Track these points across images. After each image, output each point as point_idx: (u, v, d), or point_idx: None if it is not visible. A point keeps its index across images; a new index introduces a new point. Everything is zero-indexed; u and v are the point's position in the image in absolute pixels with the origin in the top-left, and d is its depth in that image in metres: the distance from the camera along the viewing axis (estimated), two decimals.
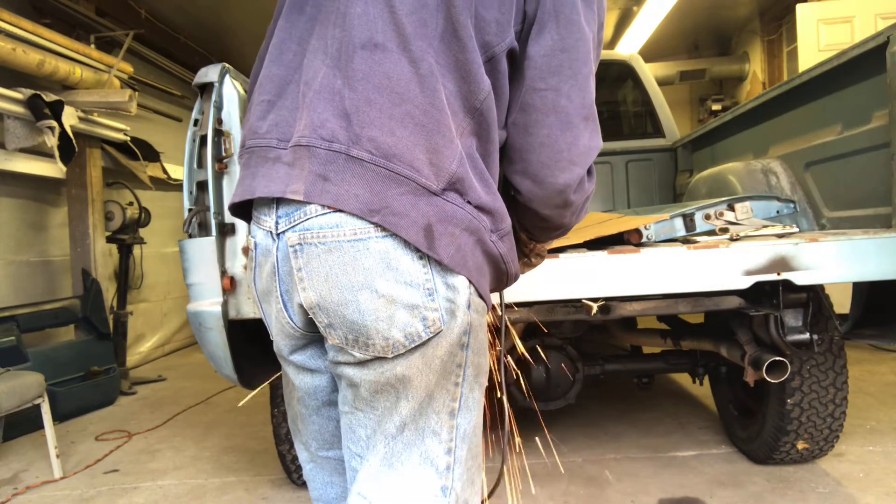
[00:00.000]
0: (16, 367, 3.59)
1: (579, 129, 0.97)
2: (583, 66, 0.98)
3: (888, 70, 1.85)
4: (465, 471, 1.05)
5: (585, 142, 0.98)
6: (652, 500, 2.56)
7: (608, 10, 7.77)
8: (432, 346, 0.98)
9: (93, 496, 2.97)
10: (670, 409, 3.71)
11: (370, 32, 0.95)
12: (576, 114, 0.97)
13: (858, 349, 4.74)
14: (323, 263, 0.95)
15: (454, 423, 1.03)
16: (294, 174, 0.96)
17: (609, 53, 4.91)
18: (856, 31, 5.34)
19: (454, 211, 0.95)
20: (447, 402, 1.02)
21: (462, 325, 0.99)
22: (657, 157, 3.99)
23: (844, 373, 2.52)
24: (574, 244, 2.01)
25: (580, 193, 1.04)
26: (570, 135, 0.97)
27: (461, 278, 0.97)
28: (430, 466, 1.02)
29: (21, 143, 4.16)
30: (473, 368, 1.04)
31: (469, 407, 1.04)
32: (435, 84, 0.93)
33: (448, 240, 0.95)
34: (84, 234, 5.11)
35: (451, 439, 1.03)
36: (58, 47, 4.43)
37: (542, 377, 2.78)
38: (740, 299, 2.11)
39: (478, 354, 1.04)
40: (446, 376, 1.01)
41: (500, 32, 0.97)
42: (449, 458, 1.03)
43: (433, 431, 1.02)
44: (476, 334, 1.03)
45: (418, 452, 1.01)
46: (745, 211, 2.19)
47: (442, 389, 1.01)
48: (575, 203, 1.05)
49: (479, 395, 1.07)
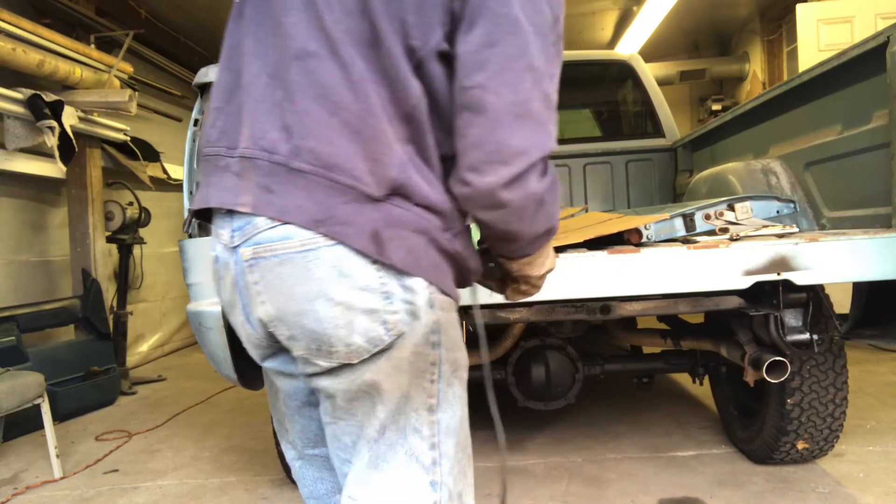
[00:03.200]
0: (16, 367, 3.59)
1: (511, 127, 0.90)
2: (514, 61, 0.91)
3: (888, 70, 1.85)
4: (455, 464, 1.06)
5: (519, 141, 0.91)
6: (652, 500, 2.56)
7: (608, 10, 7.77)
8: (397, 348, 0.99)
9: (93, 496, 2.97)
10: (670, 409, 3.71)
11: (303, 42, 0.96)
12: (506, 111, 0.90)
13: (858, 349, 4.74)
14: (277, 276, 0.97)
15: (435, 418, 1.05)
16: (242, 185, 0.98)
17: (609, 53, 4.92)
18: (856, 31, 5.34)
19: (401, 214, 0.95)
20: (425, 399, 1.04)
21: (427, 325, 1.00)
22: (657, 157, 3.99)
23: (844, 373, 2.52)
24: (574, 244, 2.01)
25: (518, 191, 0.93)
26: (500, 134, 0.90)
27: (417, 279, 0.98)
28: (417, 463, 1.03)
29: (21, 143, 4.16)
30: (449, 365, 1.05)
31: (449, 402, 1.06)
32: (367, 91, 0.94)
33: (397, 243, 0.95)
34: (84, 234, 5.11)
35: (434, 434, 1.05)
36: (58, 47, 4.43)
37: (542, 377, 2.79)
38: (740, 299, 2.11)
39: (452, 350, 1.05)
40: (420, 375, 1.02)
41: (425, 36, 0.94)
42: (434, 453, 1.04)
43: (414, 429, 1.03)
44: (447, 331, 1.04)
45: (403, 451, 1.03)
46: (745, 211, 2.19)
47: (417, 388, 1.03)
48: (512, 203, 0.94)
49: (458, 389, 1.08)
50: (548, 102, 0.94)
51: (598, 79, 4.61)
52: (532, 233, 1.01)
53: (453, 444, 1.06)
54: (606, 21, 8.16)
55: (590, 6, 7.60)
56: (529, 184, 0.93)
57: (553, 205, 1.00)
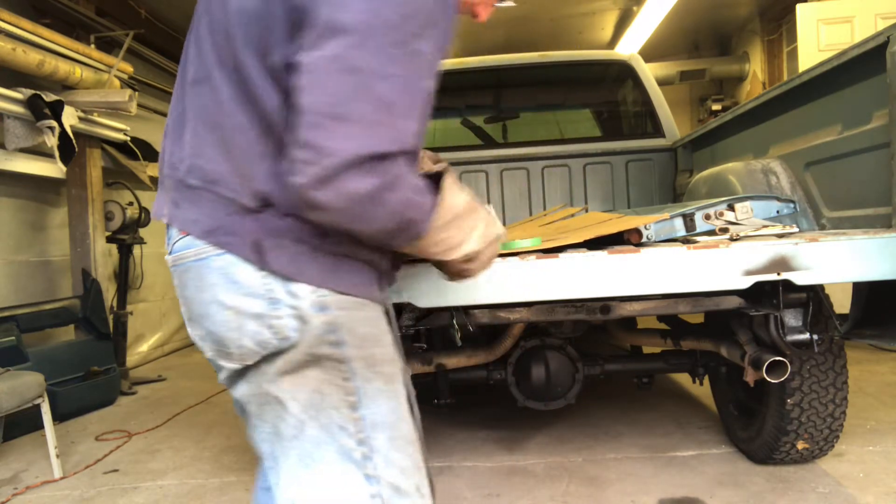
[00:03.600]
0: (16, 367, 3.59)
1: (324, 128, 0.88)
2: (331, 63, 0.89)
3: (888, 70, 1.85)
4: (386, 457, 1.09)
5: (331, 142, 0.88)
6: (652, 500, 2.56)
7: (608, 10, 7.78)
8: (290, 351, 1.04)
9: (93, 496, 2.97)
10: (670, 409, 3.71)
11: (193, 68, 1.09)
12: (318, 112, 0.89)
13: (858, 349, 4.74)
14: (184, 282, 1.09)
15: (358, 415, 1.07)
16: (164, 199, 1.13)
17: (609, 53, 4.91)
18: (856, 31, 5.34)
19: (278, 225, 1.01)
20: (343, 397, 1.07)
21: (319, 327, 1.03)
22: (657, 157, 3.98)
23: (844, 373, 2.52)
24: (574, 244, 2.01)
25: (331, 192, 0.90)
26: (312, 134, 0.89)
27: (301, 285, 1.02)
28: (349, 459, 1.07)
29: (21, 143, 4.16)
30: (362, 361, 1.07)
31: (371, 397, 1.08)
32: (235, 110, 1.02)
33: (278, 252, 1.01)
34: (84, 234, 5.11)
35: (361, 430, 1.08)
36: (58, 47, 4.43)
37: (542, 377, 2.79)
38: (740, 299, 2.11)
39: (362, 347, 1.07)
40: (329, 374, 1.06)
41: (279, 52, 0.98)
42: (364, 448, 1.07)
43: (340, 427, 1.07)
44: (351, 329, 1.06)
45: (333, 449, 1.07)
46: (745, 211, 2.19)
47: (330, 386, 1.06)
48: (329, 205, 0.91)
49: (382, 384, 1.10)
50: (379, 103, 0.90)
51: (598, 79, 4.61)
52: (379, 232, 0.97)
53: (385, 437, 1.09)
54: (606, 21, 8.16)
55: (590, 6, 7.61)
56: (345, 184, 0.89)
57: (399, 202, 0.94)
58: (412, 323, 2.10)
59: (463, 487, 2.79)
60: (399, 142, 0.91)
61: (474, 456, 3.14)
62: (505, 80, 4.56)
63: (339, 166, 0.88)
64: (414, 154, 0.94)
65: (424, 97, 0.95)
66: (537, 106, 4.91)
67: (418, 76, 0.93)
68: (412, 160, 0.95)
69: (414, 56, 0.92)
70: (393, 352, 1.14)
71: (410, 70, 0.92)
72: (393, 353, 1.13)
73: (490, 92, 4.75)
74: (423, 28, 0.93)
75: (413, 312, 2.07)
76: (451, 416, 3.67)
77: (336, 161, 0.88)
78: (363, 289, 1.08)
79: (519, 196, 4.01)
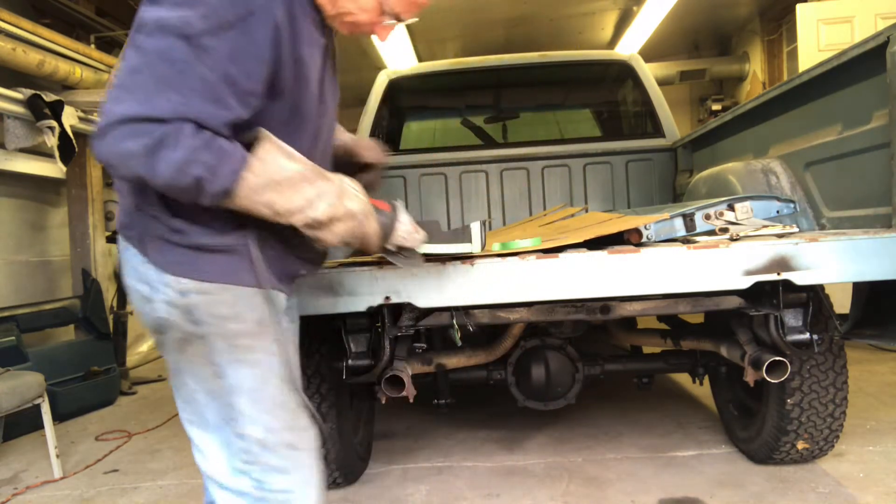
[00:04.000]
0: (16, 367, 3.59)
1: (112, 95, 1.12)
2: (129, 48, 1.14)
3: (888, 70, 1.85)
4: (251, 417, 1.28)
5: (113, 106, 1.11)
6: (652, 500, 2.56)
7: (608, 10, 7.78)
8: (170, 328, 1.28)
9: (93, 496, 2.97)
10: (670, 409, 3.71)
11: None
12: (113, 82, 1.13)
13: (858, 349, 4.74)
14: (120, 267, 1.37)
15: (222, 383, 1.28)
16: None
17: (609, 53, 4.91)
18: (856, 31, 5.34)
19: (150, 223, 1.26)
20: (209, 368, 1.28)
21: (183, 308, 1.25)
22: (657, 157, 3.98)
23: (844, 373, 2.52)
24: (574, 244, 2.01)
25: (100, 145, 1.12)
26: (107, 99, 1.13)
27: (167, 275, 1.25)
28: (222, 420, 1.30)
29: (21, 143, 4.16)
30: (220, 337, 1.27)
31: (233, 366, 1.28)
32: None
33: (152, 245, 1.26)
34: (84, 234, 5.11)
35: (227, 395, 1.29)
36: (58, 47, 4.43)
37: (542, 377, 2.79)
38: (740, 299, 2.11)
39: (219, 325, 1.26)
40: (197, 348, 1.28)
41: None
42: (231, 411, 1.29)
43: (214, 392, 1.29)
44: (211, 310, 1.25)
45: (213, 411, 1.30)
46: (745, 211, 2.19)
47: (200, 358, 1.28)
48: (99, 154, 1.13)
49: (240, 354, 1.28)
50: (158, 79, 1.10)
51: (598, 79, 4.61)
52: (170, 185, 1.14)
53: (247, 400, 1.29)
54: (606, 21, 8.17)
55: (590, 6, 7.61)
56: (115, 139, 1.10)
57: (180, 160, 1.10)
58: (412, 323, 2.10)
59: (463, 487, 2.79)
60: (173, 111, 1.09)
61: (474, 456, 3.14)
62: (505, 80, 4.55)
63: (111, 124, 1.09)
64: (199, 123, 1.11)
65: (208, 81, 1.12)
66: (537, 106, 4.91)
67: (201, 63, 1.12)
68: (197, 128, 1.11)
69: (200, 48, 1.11)
70: (253, 327, 1.29)
71: (192, 58, 1.11)
72: (252, 328, 1.29)
73: (490, 92, 4.75)
74: (218, 29, 1.12)
75: (413, 312, 2.07)
76: (451, 416, 3.67)
77: (110, 119, 1.10)
78: (222, 276, 1.26)
79: (519, 196, 4.01)
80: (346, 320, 2.21)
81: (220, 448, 1.31)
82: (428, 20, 7.25)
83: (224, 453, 1.31)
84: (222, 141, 1.15)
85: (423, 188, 4.00)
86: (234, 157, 1.16)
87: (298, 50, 1.25)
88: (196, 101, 1.11)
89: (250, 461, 1.30)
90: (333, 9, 1.32)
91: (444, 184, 4.01)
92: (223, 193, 1.16)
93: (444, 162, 3.99)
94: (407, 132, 4.71)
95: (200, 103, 1.12)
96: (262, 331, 1.30)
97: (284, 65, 1.22)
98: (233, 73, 1.14)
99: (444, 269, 1.83)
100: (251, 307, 1.29)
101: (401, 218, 1.41)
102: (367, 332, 2.26)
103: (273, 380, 1.31)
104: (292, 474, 1.33)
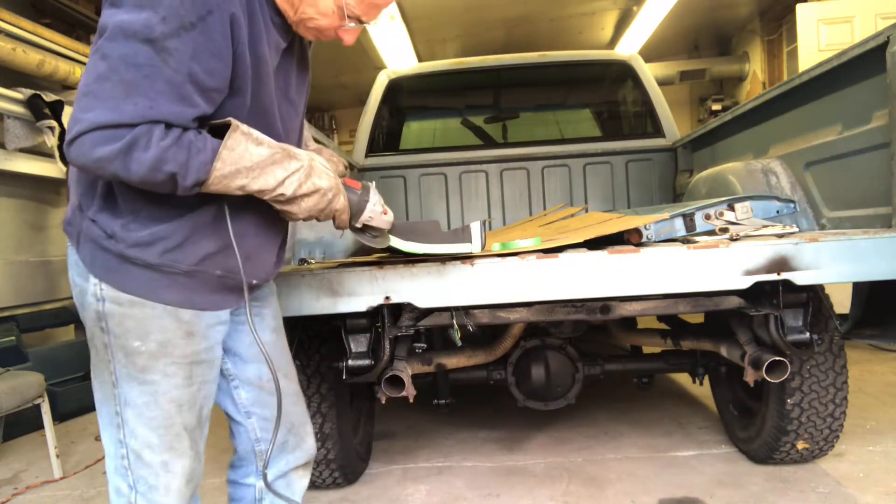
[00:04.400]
0: (16, 367, 3.59)
1: (79, 103, 1.16)
2: (94, 54, 1.17)
3: (888, 70, 1.85)
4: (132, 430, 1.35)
5: (82, 114, 1.14)
6: (652, 500, 2.56)
7: (608, 10, 7.78)
8: (86, 325, 1.36)
9: (93, 496, 2.96)
10: (670, 409, 3.71)
11: None
12: (80, 90, 1.17)
13: (858, 349, 4.74)
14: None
15: (116, 391, 1.35)
16: None
17: (609, 53, 4.92)
18: (856, 31, 5.34)
19: (86, 224, 1.31)
20: (108, 373, 1.35)
21: (96, 312, 1.33)
22: (657, 157, 3.98)
23: (844, 373, 2.52)
24: (574, 244, 2.01)
25: (72, 150, 1.16)
26: (75, 107, 1.17)
27: (91, 277, 1.32)
28: (112, 422, 1.38)
29: (21, 143, 4.16)
30: (120, 350, 1.33)
31: (126, 380, 1.34)
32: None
33: (84, 245, 1.32)
34: None
35: (117, 403, 1.36)
36: (58, 47, 4.43)
37: (542, 377, 2.79)
38: (740, 299, 2.11)
39: (123, 338, 1.32)
40: (102, 352, 1.35)
41: None
42: (118, 418, 1.36)
43: (109, 395, 1.37)
44: (120, 322, 1.31)
45: (108, 410, 1.38)
46: (745, 211, 2.19)
47: (102, 362, 1.36)
48: (74, 161, 1.18)
49: (134, 371, 1.33)
50: (123, 85, 1.13)
51: (598, 79, 4.61)
52: (146, 181, 1.18)
53: (133, 414, 1.35)
54: (606, 21, 8.17)
55: (590, 6, 7.61)
56: (88, 145, 1.14)
57: (153, 159, 1.15)
58: (412, 323, 2.10)
59: (463, 487, 2.79)
60: (141, 115, 1.13)
61: (474, 456, 3.14)
62: (505, 80, 4.56)
63: (83, 130, 1.13)
64: (165, 123, 1.16)
65: (173, 83, 1.16)
66: (537, 106, 4.91)
67: (166, 66, 1.15)
68: (166, 128, 1.16)
69: (164, 51, 1.14)
70: (154, 347, 1.33)
71: (157, 61, 1.14)
72: (153, 349, 1.33)
73: (490, 92, 4.75)
74: (179, 30, 1.15)
75: (413, 312, 2.07)
76: (451, 416, 3.67)
77: (81, 127, 1.13)
78: (140, 289, 1.31)
79: (519, 196, 4.02)
80: (346, 320, 2.21)
81: (109, 443, 1.40)
82: (428, 20, 7.25)
83: (112, 450, 1.40)
84: (191, 135, 1.20)
85: (423, 188, 4.00)
86: (204, 151, 1.20)
87: (257, 48, 1.29)
88: (163, 103, 1.15)
89: (127, 467, 1.38)
90: (295, 14, 1.36)
91: (444, 184, 4.01)
92: (196, 184, 1.22)
93: (444, 162, 3.99)
94: (407, 132, 4.72)
95: (167, 104, 1.16)
96: (163, 353, 1.34)
97: (242, 61, 1.26)
98: (196, 72, 1.18)
99: (444, 269, 1.83)
100: (159, 328, 1.33)
101: (371, 198, 1.47)
102: (367, 332, 2.26)
103: (162, 401, 1.35)
104: (160, 492, 1.39)
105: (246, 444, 1.63)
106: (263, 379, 1.57)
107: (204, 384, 1.41)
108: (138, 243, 1.28)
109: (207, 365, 1.41)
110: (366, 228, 1.52)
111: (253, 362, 1.56)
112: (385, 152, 4.23)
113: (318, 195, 1.35)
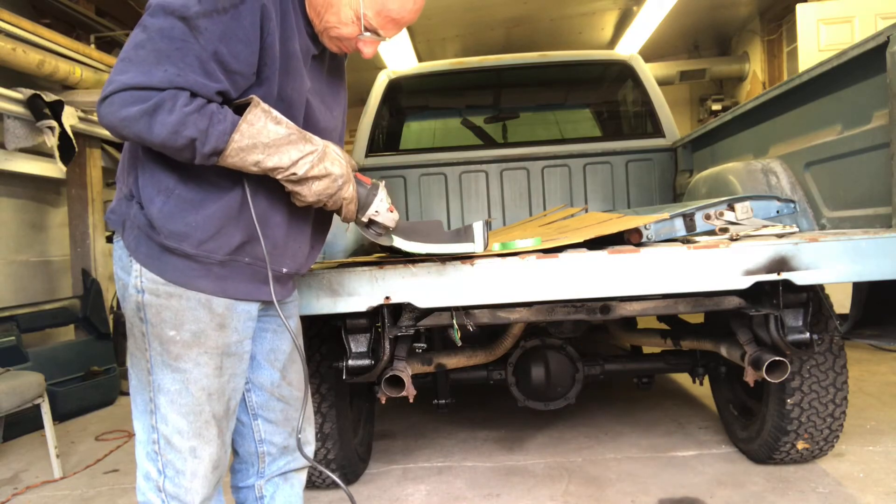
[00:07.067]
0: (16, 367, 3.59)
1: (116, 66, 1.26)
2: (137, 26, 1.28)
3: (888, 70, 1.85)
4: (164, 416, 1.41)
5: (115, 76, 1.24)
6: (652, 500, 2.56)
7: (608, 10, 7.78)
8: (128, 316, 1.43)
9: (93, 496, 2.97)
10: (670, 409, 3.71)
11: None
12: (120, 56, 1.27)
13: (858, 349, 4.74)
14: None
15: (151, 378, 1.41)
16: None
17: (609, 53, 4.91)
18: (856, 31, 5.34)
19: (133, 211, 1.38)
20: (145, 360, 1.41)
21: (135, 300, 1.39)
22: (657, 157, 3.98)
23: (844, 373, 2.52)
24: (574, 244, 2.01)
25: (101, 108, 1.25)
26: (113, 69, 1.27)
27: (136, 264, 1.38)
28: (145, 411, 1.44)
29: (21, 143, 4.16)
30: (156, 339, 1.39)
31: (161, 368, 1.40)
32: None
33: (129, 233, 1.39)
34: (84, 234, 5.11)
35: (151, 390, 1.42)
36: (58, 47, 4.43)
37: (542, 377, 2.78)
38: (740, 299, 2.11)
39: (159, 328, 1.38)
40: (139, 340, 1.41)
41: None
42: (151, 404, 1.42)
43: (145, 382, 1.42)
44: (158, 312, 1.38)
45: (142, 397, 1.44)
46: (745, 211, 2.19)
47: (140, 350, 1.42)
48: (102, 119, 1.26)
49: (170, 360, 1.39)
50: (156, 53, 1.23)
51: (598, 79, 4.61)
52: (166, 144, 1.25)
53: (165, 401, 1.41)
54: (606, 21, 8.17)
55: (590, 6, 7.61)
56: (116, 104, 1.23)
57: (174, 122, 1.23)
58: (412, 323, 2.10)
59: (463, 487, 2.79)
60: (169, 81, 1.22)
61: (474, 456, 3.14)
62: (505, 80, 4.55)
63: (114, 90, 1.23)
64: (193, 92, 1.25)
65: (201, 59, 1.26)
66: (537, 106, 4.91)
67: (196, 42, 1.25)
68: (191, 96, 1.25)
69: (195, 29, 1.25)
70: (188, 337, 1.38)
71: (188, 37, 1.24)
72: (187, 339, 1.38)
73: (490, 92, 4.75)
74: (212, 12, 1.25)
75: (413, 312, 2.07)
76: (451, 416, 3.67)
77: (114, 87, 1.23)
78: (180, 279, 1.37)
79: (519, 196, 4.01)
80: (346, 320, 2.21)
81: (141, 430, 1.46)
82: (428, 20, 7.25)
83: (144, 437, 1.45)
84: (214, 106, 1.28)
85: (423, 188, 4.00)
86: (224, 122, 1.28)
87: (288, 44, 1.37)
88: (190, 74, 1.24)
89: (157, 451, 1.44)
90: (321, 23, 1.45)
91: (445, 184, 4.01)
92: (214, 153, 1.28)
93: (444, 162, 3.99)
94: (407, 132, 4.71)
95: (194, 75, 1.25)
96: (196, 342, 1.40)
97: (271, 52, 1.34)
98: (223, 53, 1.27)
99: (444, 269, 1.83)
100: (193, 319, 1.39)
101: (379, 194, 1.52)
102: (367, 332, 2.26)
103: (193, 388, 1.41)
104: (187, 477, 1.44)
105: (249, 444, 1.66)
106: (274, 385, 1.62)
107: (233, 377, 1.47)
108: (176, 234, 1.35)
109: (237, 358, 1.47)
110: (371, 224, 1.54)
111: (267, 368, 1.61)
112: (385, 152, 4.23)
113: (328, 179, 1.40)
